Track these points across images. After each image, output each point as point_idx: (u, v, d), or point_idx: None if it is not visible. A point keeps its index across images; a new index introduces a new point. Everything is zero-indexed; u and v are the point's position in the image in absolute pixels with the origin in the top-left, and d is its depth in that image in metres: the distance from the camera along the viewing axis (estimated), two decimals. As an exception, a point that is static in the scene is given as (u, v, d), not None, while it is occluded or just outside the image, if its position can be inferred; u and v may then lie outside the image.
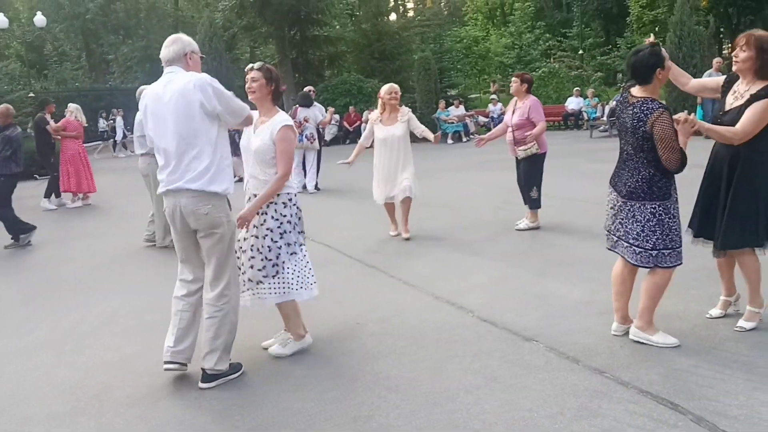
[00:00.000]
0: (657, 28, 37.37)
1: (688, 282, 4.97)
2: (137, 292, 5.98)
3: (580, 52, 29.11)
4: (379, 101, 7.48)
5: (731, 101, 4.07)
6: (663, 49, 3.97)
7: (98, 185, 12.43)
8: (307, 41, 26.94)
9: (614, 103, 19.73)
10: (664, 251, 3.89)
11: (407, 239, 7.34)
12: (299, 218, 4.21)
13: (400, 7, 47.40)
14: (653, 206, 3.86)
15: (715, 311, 4.40)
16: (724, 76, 4.29)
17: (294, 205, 4.16)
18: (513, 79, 7.85)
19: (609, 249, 4.20)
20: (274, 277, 4.09)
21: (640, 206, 3.89)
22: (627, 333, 4.13)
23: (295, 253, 4.15)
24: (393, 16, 40.67)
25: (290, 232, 4.11)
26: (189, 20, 35.46)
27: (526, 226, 7.57)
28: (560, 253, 6.34)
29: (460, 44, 35.86)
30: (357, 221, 8.77)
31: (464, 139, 20.18)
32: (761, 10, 40.90)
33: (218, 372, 3.86)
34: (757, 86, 3.92)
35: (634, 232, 3.92)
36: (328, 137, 22.50)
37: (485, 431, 3.12)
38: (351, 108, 22.48)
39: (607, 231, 4.17)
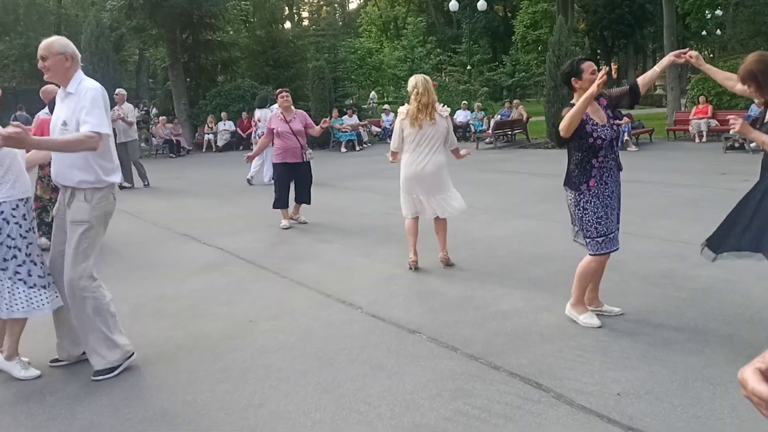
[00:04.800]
0: (540, 48, 39.50)
1: (558, 279, 5.45)
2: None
3: (469, 67, 30.26)
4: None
5: None
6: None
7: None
8: (200, 45, 26.49)
9: (499, 116, 20.71)
10: (586, 239, 4.35)
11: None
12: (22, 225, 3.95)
13: (295, 16, 47.48)
14: (570, 195, 4.38)
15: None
16: None
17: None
18: (284, 95, 8.68)
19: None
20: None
21: (566, 193, 4.43)
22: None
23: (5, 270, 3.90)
24: (288, 24, 40.73)
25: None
26: (73, 18, 33.97)
27: (303, 220, 8.72)
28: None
29: (354, 55, 36.33)
30: (253, 225, 8.84)
31: (357, 148, 20.52)
32: (632, 35, 44.07)
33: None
34: None
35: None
36: (220, 143, 22.28)
37: (369, 413, 3.36)
38: (244, 114, 22.32)
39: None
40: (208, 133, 22.67)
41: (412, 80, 6.16)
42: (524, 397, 3.46)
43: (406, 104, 6.18)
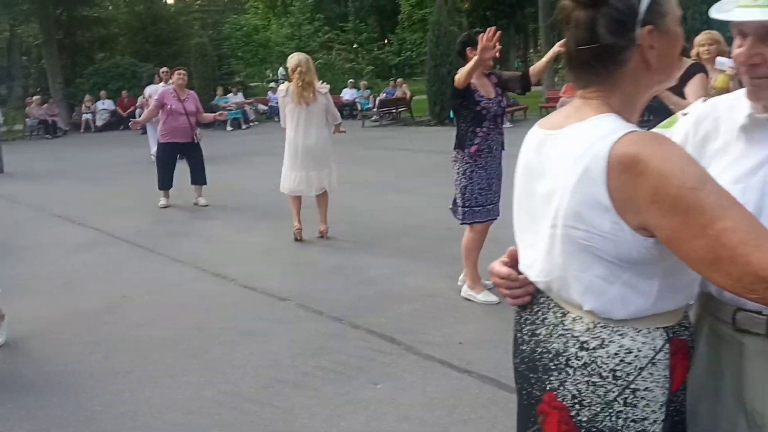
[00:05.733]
0: (426, 27, 40.18)
1: (423, 246, 5.87)
2: None
3: (355, 45, 30.50)
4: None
5: None
6: None
7: None
8: (75, 21, 25.35)
9: (384, 95, 21.11)
10: (464, 208, 4.50)
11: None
12: None
13: (179, -9, 45.87)
14: (458, 158, 4.50)
15: None
16: None
17: None
18: (182, 73, 8.55)
19: None
20: None
21: (455, 156, 4.54)
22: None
23: None
24: (171, 0, 39.36)
25: None
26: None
27: (205, 203, 8.44)
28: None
29: (240, 32, 35.64)
30: (132, 205, 8.77)
31: (243, 126, 20.40)
32: (513, 15, 45.60)
33: None
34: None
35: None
36: (99, 123, 21.52)
37: (234, 373, 3.61)
38: (124, 93, 21.64)
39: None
40: (86, 113, 21.80)
41: (295, 58, 6.30)
42: (378, 351, 3.81)
43: (286, 82, 6.38)
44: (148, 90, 13.99)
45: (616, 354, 1.23)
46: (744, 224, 1.07)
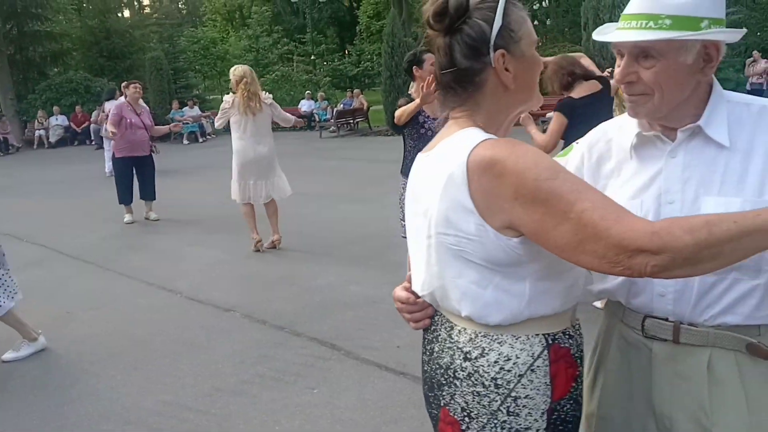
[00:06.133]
0: (384, 38, 40.43)
1: (371, 254, 5.96)
2: None
3: (313, 57, 30.61)
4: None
5: None
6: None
7: None
8: (26, 37, 24.96)
9: (342, 105, 21.20)
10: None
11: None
12: None
13: (135, 3, 45.51)
14: (403, 182, 4.52)
15: None
16: None
17: None
18: (137, 86, 8.51)
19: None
20: None
21: (402, 181, 4.55)
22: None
23: None
24: (128, 13, 39.00)
25: None
26: None
27: (156, 217, 8.43)
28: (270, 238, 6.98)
29: (196, 45, 35.51)
30: (83, 221, 8.71)
31: (200, 140, 20.31)
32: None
33: None
34: None
35: None
36: (53, 139, 21.22)
37: (174, 383, 3.66)
38: (78, 108, 21.37)
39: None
40: (39, 129, 21.47)
41: (239, 70, 6.34)
42: (318, 357, 3.89)
43: (231, 93, 6.43)
44: (108, 105, 13.84)
45: (495, 362, 1.27)
46: (601, 203, 1.14)
